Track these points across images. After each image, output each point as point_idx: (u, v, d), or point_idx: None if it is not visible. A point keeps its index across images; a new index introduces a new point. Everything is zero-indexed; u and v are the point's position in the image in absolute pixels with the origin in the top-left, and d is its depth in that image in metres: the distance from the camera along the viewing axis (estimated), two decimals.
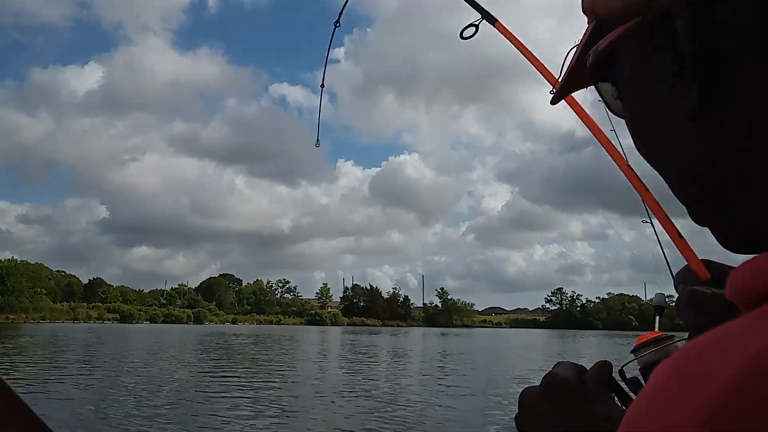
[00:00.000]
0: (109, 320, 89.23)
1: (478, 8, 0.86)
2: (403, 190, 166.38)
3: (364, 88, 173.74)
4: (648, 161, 0.42)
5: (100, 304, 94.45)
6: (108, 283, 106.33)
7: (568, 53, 0.52)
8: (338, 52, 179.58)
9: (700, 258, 0.82)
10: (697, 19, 0.35)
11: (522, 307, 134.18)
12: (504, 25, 0.82)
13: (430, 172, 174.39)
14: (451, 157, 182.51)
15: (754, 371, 0.27)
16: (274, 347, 33.22)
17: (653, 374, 0.31)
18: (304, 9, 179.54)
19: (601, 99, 0.48)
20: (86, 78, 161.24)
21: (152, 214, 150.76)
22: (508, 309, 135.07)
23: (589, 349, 39.26)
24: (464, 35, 0.88)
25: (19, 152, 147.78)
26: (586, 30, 0.45)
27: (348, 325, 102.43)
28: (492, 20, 0.84)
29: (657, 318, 1.50)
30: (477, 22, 0.88)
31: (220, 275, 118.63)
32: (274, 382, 15.42)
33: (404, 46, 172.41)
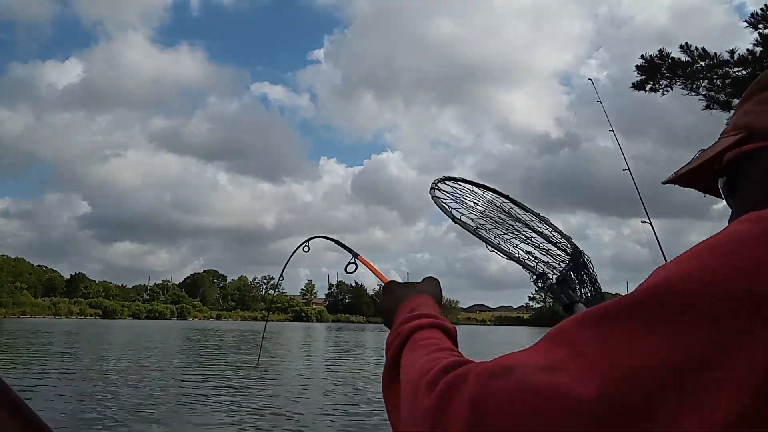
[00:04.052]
0: (91, 315, 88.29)
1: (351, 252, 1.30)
2: (386, 188, 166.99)
3: (344, 89, 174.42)
4: None
5: (82, 300, 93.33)
6: (90, 278, 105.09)
7: (696, 154, 0.74)
8: (318, 53, 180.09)
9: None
10: None
11: (506, 305, 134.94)
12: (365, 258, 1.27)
13: (412, 170, 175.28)
14: (431, 156, 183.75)
15: None
16: (258, 343, 33.03)
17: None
18: (285, 10, 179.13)
19: (722, 193, 0.71)
20: (66, 73, 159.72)
21: (134, 210, 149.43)
22: (492, 306, 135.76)
23: None
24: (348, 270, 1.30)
25: None
26: (727, 139, 0.68)
27: (333, 321, 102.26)
28: (356, 255, 1.27)
29: None
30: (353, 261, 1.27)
31: (204, 271, 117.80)
32: (258, 378, 15.34)
33: (381, 48, 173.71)
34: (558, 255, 1.26)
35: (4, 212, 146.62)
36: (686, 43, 10.76)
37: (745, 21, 10.24)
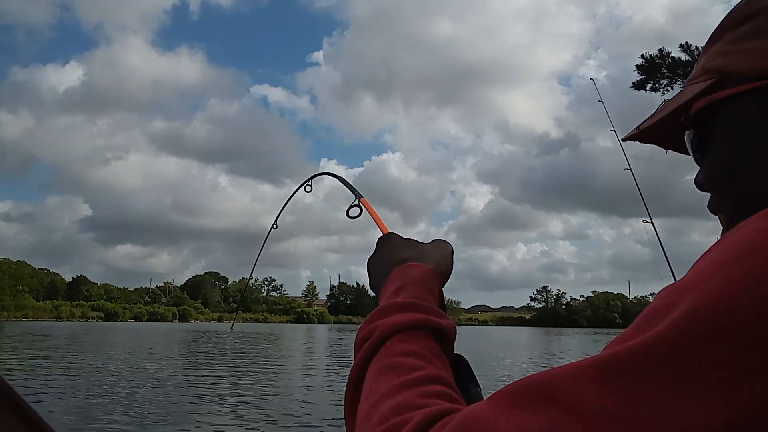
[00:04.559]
0: (93, 318, 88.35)
1: (355, 192, 1.09)
2: (386, 190, 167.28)
3: (344, 90, 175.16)
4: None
5: (84, 302, 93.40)
6: (92, 281, 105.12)
7: (660, 105, 0.62)
8: (317, 56, 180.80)
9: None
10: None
11: (508, 305, 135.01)
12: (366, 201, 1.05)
13: (412, 171, 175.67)
14: (431, 157, 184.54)
15: None
16: (260, 345, 33.08)
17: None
18: (284, 13, 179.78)
19: (688, 147, 0.59)
20: (67, 76, 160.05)
21: (135, 212, 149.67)
22: (493, 307, 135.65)
23: (572, 347, 39.53)
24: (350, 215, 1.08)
25: None
26: (695, 86, 0.56)
27: (334, 323, 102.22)
28: (360, 196, 1.07)
29: None
30: (356, 203, 1.06)
31: (206, 273, 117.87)
32: (259, 380, 15.35)
33: (380, 49, 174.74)
34: None
35: (5, 215, 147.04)
36: (686, 42, 10.79)
37: None
